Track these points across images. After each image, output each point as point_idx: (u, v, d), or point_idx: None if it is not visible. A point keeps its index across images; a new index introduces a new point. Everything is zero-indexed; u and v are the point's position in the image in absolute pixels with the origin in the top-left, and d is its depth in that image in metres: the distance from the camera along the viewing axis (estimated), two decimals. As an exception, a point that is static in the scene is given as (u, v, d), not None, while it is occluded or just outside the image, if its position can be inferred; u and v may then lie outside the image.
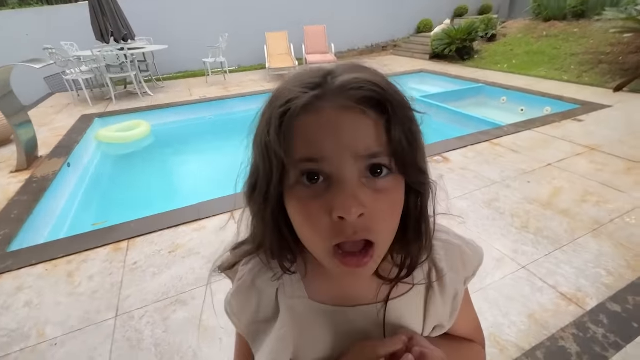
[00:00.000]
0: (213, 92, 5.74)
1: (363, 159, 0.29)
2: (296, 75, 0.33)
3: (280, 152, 0.29)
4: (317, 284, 0.41)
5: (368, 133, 0.29)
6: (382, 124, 0.29)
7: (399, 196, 0.32)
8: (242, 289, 0.43)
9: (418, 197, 0.35)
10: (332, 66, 0.33)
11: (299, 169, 0.30)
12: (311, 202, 0.30)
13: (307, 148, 0.29)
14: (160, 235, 2.07)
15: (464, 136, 3.33)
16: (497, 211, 2.14)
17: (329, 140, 0.28)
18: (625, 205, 2.12)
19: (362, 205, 0.28)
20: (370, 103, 0.29)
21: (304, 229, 0.32)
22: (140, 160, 4.08)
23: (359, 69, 0.32)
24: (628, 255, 1.72)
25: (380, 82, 0.29)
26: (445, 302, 0.42)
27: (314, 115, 0.29)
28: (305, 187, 0.30)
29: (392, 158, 0.30)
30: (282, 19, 7.87)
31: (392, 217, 0.32)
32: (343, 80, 0.29)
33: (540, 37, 6.51)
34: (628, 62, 4.98)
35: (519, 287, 1.56)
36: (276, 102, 0.31)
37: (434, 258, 0.41)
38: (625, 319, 1.37)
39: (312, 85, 0.30)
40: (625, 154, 2.78)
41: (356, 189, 0.29)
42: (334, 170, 0.29)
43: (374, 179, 0.30)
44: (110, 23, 5.54)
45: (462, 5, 9.52)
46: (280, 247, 0.37)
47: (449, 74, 6.10)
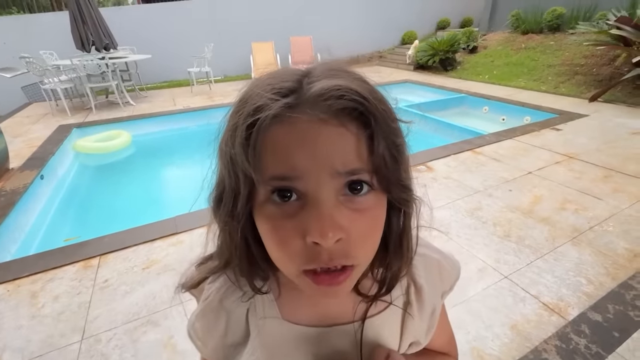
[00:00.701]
0: (197, 102, 5.67)
1: (341, 176, 0.26)
2: (268, 76, 0.29)
3: (247, 168, 0.26)
4: (291, 303, 0.38)
5: (348, 148, 0.25)
6: (364, 137, 0.26)
7: (380, 215, 0.29)
8: (208, 310, 0.39)
9: (401, 213, 0.32)
10: (309, 68, 0.29)
11: (269, 186, 0.26)
12: (283, 223, 0.27)
13: (278, 164, 0.26)
14: (135, 250, 1.97)
15: (447, 145, 3.36)
16: (479, 220, 2.14)
17: (303, 156, 0.25)
18: (603, 212, 2.16)
19: (340, 229, 0.25)
20: (352, 115, 0.26)
21: (274, 250, 0.29)
22: (119, 172, 3.96)
23: (339, 73, 0.28)
24: (607, 263, 1.74)
25: (363, 91, 0.26)
26: (422, 318, 0.40)
27: (286, 127, 0.25)
28: (277, 205, 0.27)
29: (374, 174, 0.27)
30: (269, 30, 7.92)
31: (372, 238, 0.29)
32: (321, 88, 0.25)
33: (519, 49, 6.74)
34: (601, 73, 5.19)
35: (501, 298, 1.55)
36: (243, 109, 0.27)
37: (412, 273, 0.39)
38: (606, 329, 1.37)
39: (285, 91, 0.26)
40: (602, 162, 2.85)
41: (333, 209, 0.26)
42: (309, 189, 0.26)
43: (353, 196, 0.27)
44: (91, 32, 5.45)
45: (445, 18, 9.81)
46: (249, 265, 0.34)
47: (433, 84, 6.22)
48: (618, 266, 1.71)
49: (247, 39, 7.46)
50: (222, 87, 6.84)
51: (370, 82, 0.29)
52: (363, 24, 9.08)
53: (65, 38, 5.80)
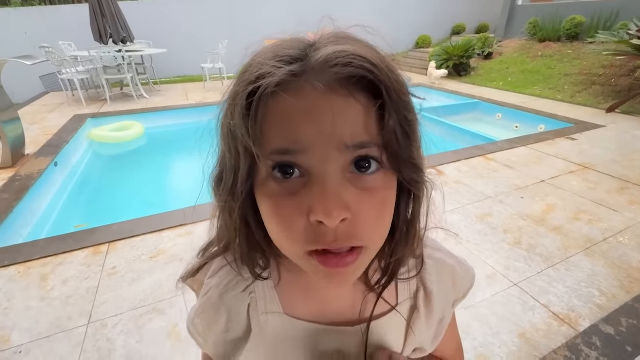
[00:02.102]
0: (210, 97, 5.72)
1: (349, 150, 0.24)
2: (273, 45, 0.27)
3: (247, 141, 0.24)
4: (293, 294, 0.37)
5: (356, 120, 0.24)
6: (374, 109, 0.24)
7: (389, 196, 0.27)
8: (208, 305, 0.38)
9: (410, 197, 0.30)
10: (315, 37, 0.27)
11: (270, 161, 0.25)
12: (285, 201, 0.25)
13: (281, 137, 0.24)
14: (143, 239, 1.99)
15: (458, 150, 3.32)
16: (489, 226, 2.11)
17: (308, 127, 0.23)
18: (618, 224, 2.10)
19: (346, 208, 0.24)
20: (361, 84, 0.24)
21: (276, 231, 0.27)
22: (131, 162, 4.02)
23: (348, 40, 0.26)
24: (621, 276, 1.69)
25: (373, 58, 0.24)
26: (429, 325, 0.39)
27: (290, 97, 0.24)
28: (278, 182, 0.25)
29: (384, 150, 0.25)
30: (283, 28, 7.93)
31: (380, 220, 0.27)
32: (327, 54, 0.23)
33: (536, 57, 6.64)
34: (620, 84, 5.08)
35: (510, 305, 1.51)
36: (243, 78, 0.25)
37: (424, 278, 0.38)
38: (618, 342, 1.33)
39: (290, 58, 0.24)
40: (618, 174, 2.78)
41: (339, 187, 0.24)
42: (314, 163, 0.24)
43: (361, 175, 0.25)
44: (109, 25, 5.55)
45: (460, 23, 9.72)
46: (250, 249, 0.33)
47: (446, 89, 6.16)
48: (633, 279, 1.66)
49: (260, 36, 7.47)
50: (235, 84, 6.89)
51: (382, 50, 0.27)
52: (377, 25, 9.04)
53: (84, 30, 5.92)
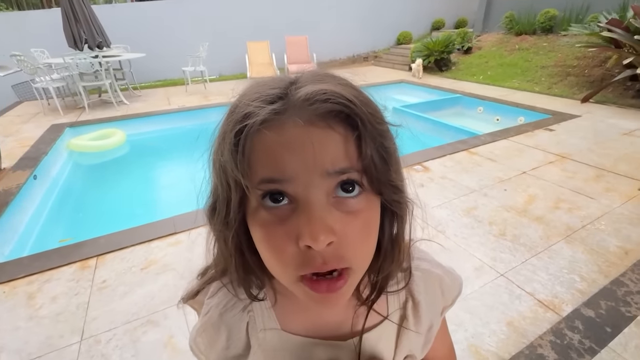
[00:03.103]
0: (193, 101, 5.64)
1: (331, 176, 0.26)
2: (255, 85, 0.29)
3: (237, 174, 0.26)
4: (288, 311, 0.39)
5: (336, 148, 0.26)
6: (352, 138, 0.26)
7: (372, 217, 0.29)
8: (209, 325, 0.40)
9: (394, 217, 0.32)
10: (296, 75, 0.29)
11: (259, 190, 0.26)
12: (275, 228, 0.27)
13: (267, 168, 0.26)
14: (132, 251, 1.96)
15: (442, 145, 3.39)
16: (475, 219, 2.17)
17: (292, 159, 0.25)
18: (595, 211, 2.20)
19: (331, 231, 0.25)
20: (338, 117, 0.26)
21: (268, 257, 0.29)
22: (114, 171, 3.92)
23: (326, 78, 0.28)
24: (599, 261, 1.78)
25: (348, 95, 0.26)
26: (418, 334, 0.41)
27: (274, 132, 0.26)
28: (268, 210, 0.27)
29: (364, 174, 0.27)
30: (264, 29, 7.90)
31: (366, 241, 0.29)
32: (307, 92, 0.26)
33: (513, 51, 6.82)
34: (593, 74, 5.29)
35: (498, 295, 1.57)
36: (231, 118, 0.27)
37: (411, 289, 0.40)
38: (598, 324, 1.40)
39: (272, 98, 0.27)
40: (594, 162, 2.90)
41: (324, 212, 0.26)
42: (299, 191, 0.26)
43: (345, 198, 0.27)
44: (84, 30, 5.38)
45: (439, 18, 9.88)
46: (245, 273, 0.34)
47: (428, 85, 6.26)
48: (610, 264, 1.76)
49: (243, 38, 7.43)
50: (218, 86, 6.81)
51: (357, 86, 0.29)
52: (359, 24, 9.10)
53: (57, 36, 5.72)
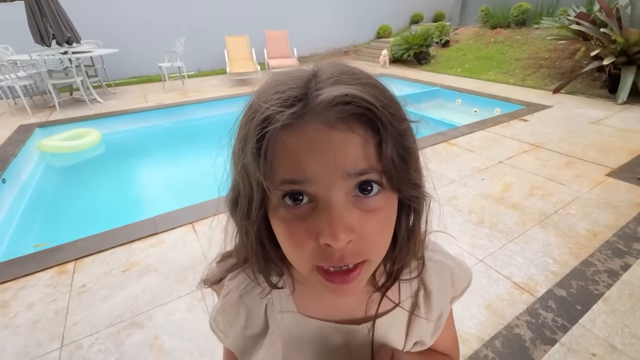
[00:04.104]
0: (171, 98, 5.49)
1: (351, 177, 0.26)
2: (273, 83, 0.29)
3: (259, 176, 0.27)
4: (306, 298, 0.41)
5: (356, 150, 0.26)
6: (372, 140, 0.26)
7: (390, 214, 0.30)
8: (228, 305, 0.41)
9: (411, 210, 0.33)
10: (315, 69, 0.29)
11: (281, 191, 0.27)
12: (296, 225, 0.28)
13: (288, 170, 0.26)
14: (113, 253, 1.91)
15: (422, 137, 3.45)
16: (455, 208, 2.24)
17: (313, 161, 0.26)
18: (566, 197, 2.32)
19: (351, 230, 0.26)
20: (360, 119, 0.26)
21: (289, 250, 0.30)
22: (89, 172, 3.78)
23: (346, 75, 0.27)
24: (570, 243, 1.88)
25: (370, 98, 0.26)
26: (429, 321, 0.43)
27: (295, 134, 0.26)
28: (289, 208, 0.28)
29: (383, 174, 0.27)
30: (243, 23, 7.75)
31: (383, 237, 0.30)
32: (328, 98, 0.25)
33: (489, 44, 7.00)
34: (563, 66, 5.51)
35: (477, 280, 1.64)
36: (252, 121, 0.27)
37: (424, 278, 0.41)
38: (570, 302, 1.49)
39: (292, 100, 0.26)
40: (565, 150, 3.04)
41: (344, 211, 0.26)
42: (320, 191, 0.26)
43: (364, 197, 0.27)
44: (51, 24, 5.11)
45: (418, 12, 9.99)
46: (265, 262, 0.35)
47: (408, 78, 6.34)
48: (580, 245, 1.86)
49: (221, 33, 7.27)
50: (197, 82, 6.65)
51: (378, 81, 0.29)
52: (339, 18, 9.08)
53: (22, 31, 5.40)
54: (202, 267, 1.80)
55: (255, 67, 6.38)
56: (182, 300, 1.58)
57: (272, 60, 6.85)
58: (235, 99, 5.52)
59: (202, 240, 2.00)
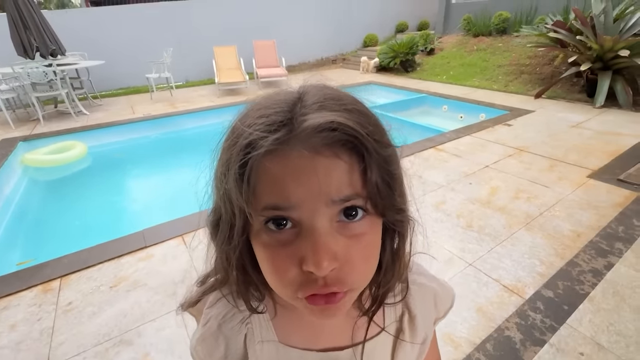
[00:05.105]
0: (159, 109, 5.45)
1: (336, 203, 0.26)
2: (258, 107, 0.28)
3: (241, 202, 0.26)
4: (287, 323, 0.39)
5: (341, 176, 0.26)
6: (357, 166, 0.26)
7: (375, 240, 0.30)
8: (208, 334, 0.40)
9: (395, 234, 0.33)
10: (300, 92, 0.28)
11: (264, 216, 0.27)
12: (279, 250, 0.27)
13: (272, 196, 0.26)
14: (100, 269, 1.87)
15: (411, 144, 3.52)
16: (444, 213, 2.28)
17: (297, 187, 0.25)
18: (550, 199, 2.38)
19: (335, 258, 0.26)
20: (345, 145, 0.26)
21: (271, 277, 0.29)
22: (75, 186, 3.70)
23: (331, 103, 0.27)
24: (556, 244, 1.93)
25: (355, 125, 0.25)
26: (413, 346, 0.43)
27: (278, 160, 0.25)
28: (272, 233, 0.27)
29: (368, 200, 0.27)
30: (231, 33, 7.79)
31: (367, 263, 0.29)
32: (313, 124, 0.25)
33: (472, 51, 7.20)
34: (544, 72, 5.70)
35: (467, 284, 1.66)
36: (235, 146, 0.27)
37: (408, 302, 0.41)
38: (557, 303, 1.52)
39: (276, 125, 0.26)
40: (548, 154, 3.13)
41: (328, 238, 0.26)
42: (304, 217, 0.26)
43: (349, 222, 0.27)
44: (34, 37, 5.04)
45: (403, 21, 10.22)
46: (245, 286, 0.35)
47: (395, 85, 6.46)
48: (565, 246, 1.91)
49: (209, 43, 7.29)
50: (185, 93, 6.63)
51: (364, 107, 0.29)
52: (326, 27, 9.22)
53: (4, 43, 5.32)
54: (192, 280, 1.77)
55: (244, 77, 6.40)
56: (172, 315, 1.55)
57: (261, 70, 6.89)
58: (224, 109, 5.53)
59: (192, 252, 1.97)
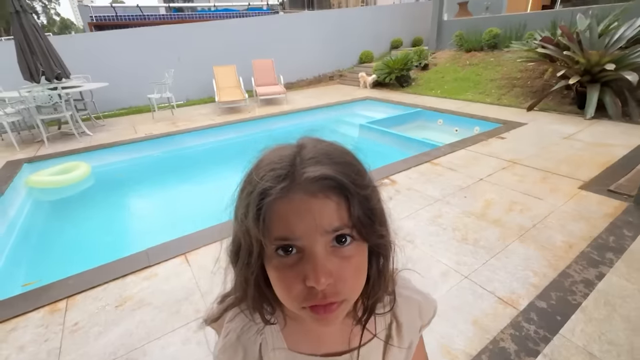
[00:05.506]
0: (160, 128, 5.57)
1: (329, 233, 0.34)
2: (267, 161, 0.37)
3: (258, 235, 0.35)
4: (295, 333, 0.48)
5: (332, 213, 0.34)
6: (344, 204, 0.34)
7: (362, 260, 0.38)
8: (228, 345, 0.48)
9: (380, 254, 0.42)
10: (299, 147, 0.37)
11: (275, 245, 0.35)
12: (287, 272, 0.35)
13: (281, 230, 0.34)
14: (105, 289, 1.92)
15: (407, 158, 3.61)
16: (440, 227, 2.34)
17: (300, 222, 0.34)
18: (543, 211, 2.45)
19: (330, 275, 0.34)
20: (334, 190, 0.34)
21: (281, 292, 0.37)
22: (79, 206, 3.76)
23: (324, 158, 0.35)
24: (549, 256, 1.98)
25: (341, 175, 0.34)
26: (401, 350, 0.51)
27: (285, 202, 0.34)
28: (281, 258, 0.35)
29: (353, 229, 0.35)
30: (230, 53, 8.02)
31: (357, 279, 0.38)
32: (310, 176, 0.34)
33: (465, 66, 7.41)
34: (535, 85, 5.86)
35: (463, 297, 1.71)
36: (252, 194, 0.35)
37: (395, 312, 0.49)
38: (550, 314, 1.57)
39: (282, 177, 0.34)
40: (540, 166, 3.22)
41: (324, 260, 0.34)
42: (306, 245, 0.34)
43: (340, 247, 0.35)
44: (40, 62, 5.21)
45: (397, 38, 10.53)
46: (260, 301, 0.43)
47: (391, 100, 6.62)
48: (557, 257, 1.96)
49: (209, 63, 7.51)
50: (186, 111, 6.78)
51: (349, 155, 0.38)
52: (323, 45, 9.49)
53: (10, 68, 5.49)
54: (195, 297, 1.82)
55: (244, 95, 6.57)
56: (176, 333, 1.60)
57: (260, 88, 7.07)
58: (225, 127, 5.65)
59: (195, 270, 2.02)
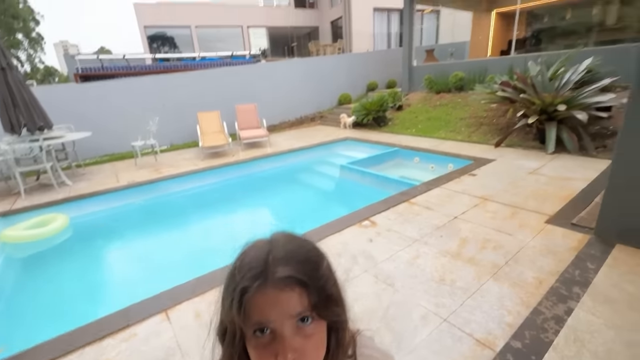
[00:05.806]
0: (143, 175, 5.58)
1: (293, 316, 0.45)
2: (245, 261, 0.48)
3: (240, 322, 0.46)
4: None
5: (296, 302, 0.45)
6: (305, 294, 0.45)
7: (322, 335, 0.49)
8: None
9: (338, 329, 0.52)
10: (270, 246, 0.48)
11: (252, 328, 0.45)
12: (262, 350, 0.45)
13: (258, 317, 0.45)
14: (81, 354, 1.84)
15: (386, 199, 3.75)
16: (418, 268, 2.41)
17: (272, 311, 0.44)
18: (514, 247, 2.58)
19: (295, 351, 0.44)
20: (297, 284, 0.45)
21: None
22: (55, 261, 3.63)
23: (291, 256, 0.47)
24: (521, 293, 2.07)
25: (302, 274, 0.45)
26: None
27: (260, 296, 0.45)
28: (258, 339, 0.45)
29: (314, 311, 0.46)
30: (214, 98, 8.33)
31: (317, 351, 0.48)
32: (279, 276, 0.45)
33: (436, 106, 7.96)
34: (500, 123, 6.34)
35: (442, 341, 1.75)
36: (235, 290, 0.46)
37: None
38: (525, 354, 1.62)
39: (257, 275, 0.45)
40: (509, 201, 3.42)
41: (291, 340, 0.44)
42: (277, 327, 0.44)
43: (303, 326, 0.45)
44: (23, 114, 5.26)
45: (373, 81, 11.27)
46: None
47: (370, 140, 6.94)
48: (529, 294, 2.05)
49: (193, 109, 7.74)
50: (169, 157, 6.84)
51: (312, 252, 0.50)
52: (304, 89, 10.02)
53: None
54: (176, 358, 1.77)
55: (227, 140, 6.74)
56: (155, 400, 1.54)
57: (243, 132, 7.29)
58: (208, 172, 5.73)
59: (176, 328, 1.98)
